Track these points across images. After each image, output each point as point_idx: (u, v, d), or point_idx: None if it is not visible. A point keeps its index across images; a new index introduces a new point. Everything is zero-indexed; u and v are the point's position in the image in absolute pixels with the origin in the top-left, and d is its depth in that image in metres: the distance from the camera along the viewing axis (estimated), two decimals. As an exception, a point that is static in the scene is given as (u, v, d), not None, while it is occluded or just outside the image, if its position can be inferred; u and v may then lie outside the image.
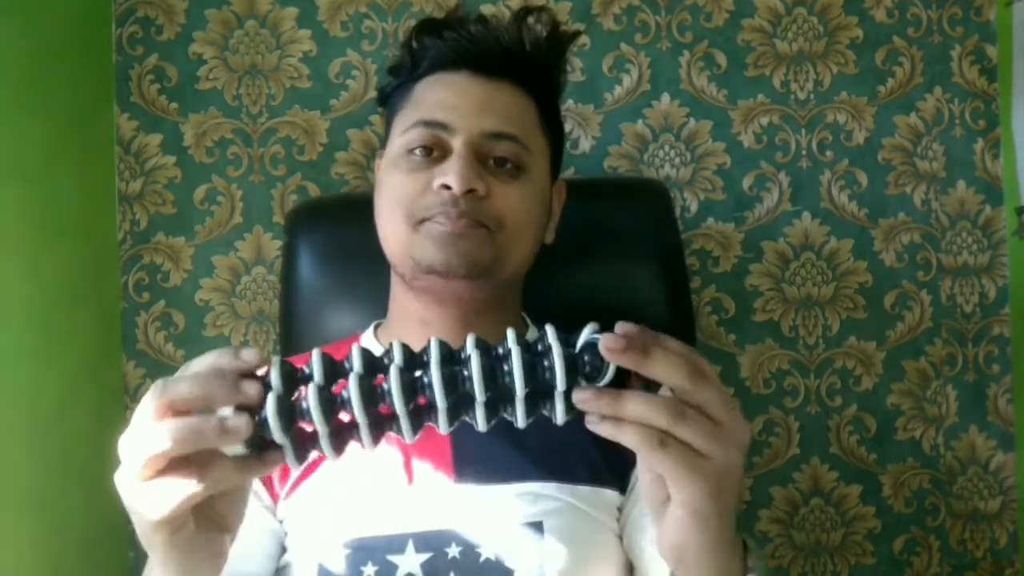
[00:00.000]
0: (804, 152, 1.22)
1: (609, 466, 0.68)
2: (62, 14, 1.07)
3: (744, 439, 0.40)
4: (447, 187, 0.66)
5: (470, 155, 0.67)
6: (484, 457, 0.66)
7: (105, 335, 1.16)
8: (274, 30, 1.21)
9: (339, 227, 1.00)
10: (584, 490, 0.66)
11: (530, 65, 0.74)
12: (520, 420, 0.41)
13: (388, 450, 0.66)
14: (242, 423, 0.38)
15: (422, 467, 0.66)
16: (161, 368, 1.19)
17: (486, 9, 1.19)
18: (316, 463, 0.67)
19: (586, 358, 0.40)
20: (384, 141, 0.77)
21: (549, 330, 0.41)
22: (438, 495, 0.65)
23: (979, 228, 1.23)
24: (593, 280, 0.95)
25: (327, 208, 1.08)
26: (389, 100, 0.77)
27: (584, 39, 1.21)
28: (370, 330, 0.80)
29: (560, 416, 0.40)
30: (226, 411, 0.39)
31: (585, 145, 1.21)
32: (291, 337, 0.98)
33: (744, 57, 1.22)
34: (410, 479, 0.66)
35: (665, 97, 1.21)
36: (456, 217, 0.66)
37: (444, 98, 0.70)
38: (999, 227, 1.23)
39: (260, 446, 0.40)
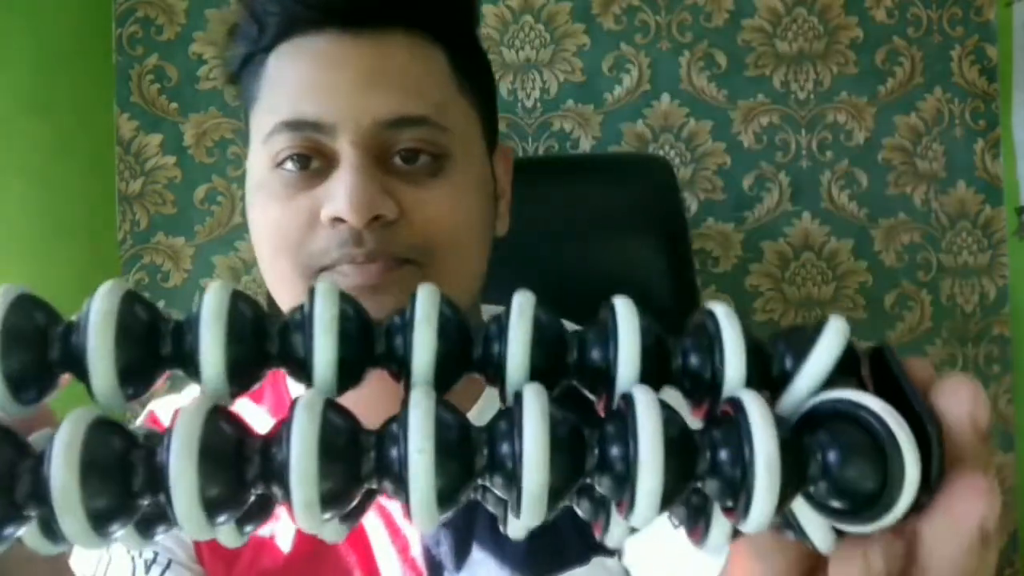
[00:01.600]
0: (804, 152, 1.22)
1: None
2: (62, 14, 1.07)
3: None
4: (340, 219, 0.44)
5: (364, 161, 0.44)
6: (465, 567, 0.54)
7: (105, 335, 1.16)
8: (274, 30, 1.21)
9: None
10: (582, 571, 0.55)
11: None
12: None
13: (349, 571, 0.55)
14: None
15: None
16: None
17: (487, 9, 1.19)
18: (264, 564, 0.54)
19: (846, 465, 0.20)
20: (245, 134, 0.52)
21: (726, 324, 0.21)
22: None
23: (979, 228, 1.23)
24: (594, 259, 0.92)
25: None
26: (239, 79, 0.53)
27: (584, 39, 1.21)
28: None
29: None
30: None
31: (585, 145, 1.21)
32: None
33: (744, 57, 1.22)
34: None
35: (665, 97, 1.21)
36: (363, 262, 0.45)
37: (309, 79, 0.46)
38: (999, 227, 1.23)
39: None
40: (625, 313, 0.22)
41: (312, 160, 0.46)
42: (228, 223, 1.20)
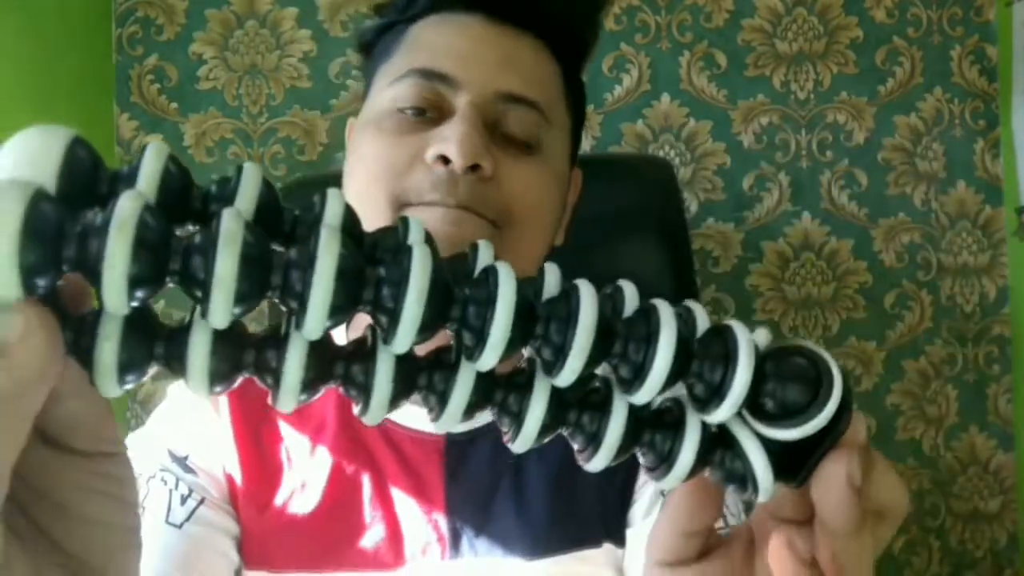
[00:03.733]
0: (804, 152, 1.22)
1: (616, 518, 0.57)
2: (62, 14, 1.07)
3: None
4: (444, 160, 0.49)
5: (477, 119, 0.50)
6: (486, 533, 0.55)
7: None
8: (274, 30, 1.21)
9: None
10: (594, 554, 0.56)
11: (561, 17, 0.56)
12: (600, 460, 0.25)
13: (372, 525, 0.56)
14: None
15: (414, 544, 0.55)
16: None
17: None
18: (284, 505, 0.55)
19: (770, 384, 0.24)
20: (364, 93, 0.58)
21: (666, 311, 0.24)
22: None
23: (979, 228, 1.23)
24: (594, 259, 0.92)
25: (323, 185, 1.07)
26: (373, 47, 0.58)
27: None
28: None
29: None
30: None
31: (585, 145, 1.21)
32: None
33: (744, 57, 1.22)
34: (400, 558, 0.55)
35: (665, 97, 1.21)
36: (453, 206, 0.49)
37: (450, 43, 0.53)
38: (999, 227, 1.23)
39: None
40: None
41: (427, 111, 0.52)
42: (228, 223, 1.20)
